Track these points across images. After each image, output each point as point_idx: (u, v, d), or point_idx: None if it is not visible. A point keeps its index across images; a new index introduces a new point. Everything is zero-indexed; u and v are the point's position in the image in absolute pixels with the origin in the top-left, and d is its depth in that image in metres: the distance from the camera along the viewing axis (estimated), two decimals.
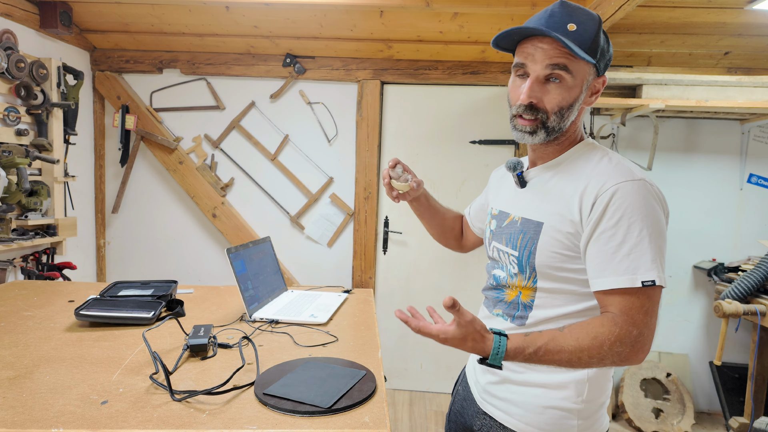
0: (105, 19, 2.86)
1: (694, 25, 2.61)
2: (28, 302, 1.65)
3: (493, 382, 1.10)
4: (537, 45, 0.95)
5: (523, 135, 1.00)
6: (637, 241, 0.88)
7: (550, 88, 0.96)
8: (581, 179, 0.97)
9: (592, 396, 1.01)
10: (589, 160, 1.00)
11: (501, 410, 1.08)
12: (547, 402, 1.01)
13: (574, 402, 1.00)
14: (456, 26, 2.75)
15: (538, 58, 0.95)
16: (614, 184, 0.91)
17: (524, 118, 0.99)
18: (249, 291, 1.60)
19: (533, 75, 0.96)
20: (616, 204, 0.89)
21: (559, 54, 0.93)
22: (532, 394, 1.03)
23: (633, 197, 0.89)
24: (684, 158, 3.09)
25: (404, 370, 3.31)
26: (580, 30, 0.93)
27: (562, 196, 0.98)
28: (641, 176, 0.92)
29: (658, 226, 0.89)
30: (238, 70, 3.13)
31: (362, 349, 1.31)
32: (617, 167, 0.95)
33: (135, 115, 3.13)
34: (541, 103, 0.97)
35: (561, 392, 1.00)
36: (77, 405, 0.95)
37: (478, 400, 1.16)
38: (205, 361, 1.19)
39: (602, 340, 0.87)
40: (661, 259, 0.89)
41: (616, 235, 0.89)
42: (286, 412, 0.95)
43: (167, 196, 3.27)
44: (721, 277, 2.92)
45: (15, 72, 2.40)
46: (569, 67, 0.94)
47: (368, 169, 3.15)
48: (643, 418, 2.92)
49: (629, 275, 0.88)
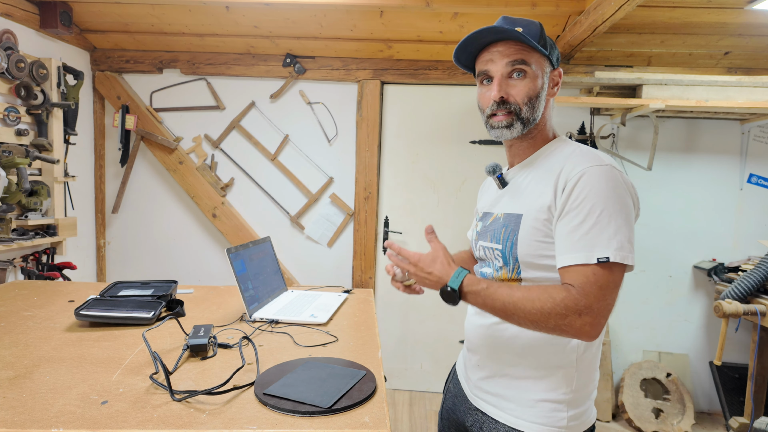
0: (105, 19, 2.86)
1: (694, 25, 2.61)
2: (28, 302, 1.65)
3: (484, 377, 1.13)
4: (493, 50, 1.04)
5: (501, 131, 1.07)
6: (597, 220, 0.92)
7: (515, 82, 1.04)
8: (554, 170, 1.02)
9: (580, 385, 1.05)
10: (561, 153, 1.06)
11: (493, 405, 1.10)
12: (537, 395, 1.04)
13: (564, 393, 1.04)
14: (456, 26, 2.75)
15: (498, 60, 1.04)
16: (582, 169, 0.96)
17: (499, 115, 1.06)
18: (249, 291, 1.60)
19: (498, 74, 1.04)
20: (581, 186, 0.95)
21: (515, 51, 1.03)
22: (522, 387, 1.06)
23: (597, 180, 0.94)
24: (684, 158, 3.08)
25: (404, 370, 3.30)
26: (526, 30, 1.02)
27: (537, 187, 1.04)
28: (609, 162, 0.97)
29: (620, 207, 0.93)
30: (238, 70, 3.13)
31: (362, 349, 1.31)
32: (587, 155, 1.00)
33: (135, 115, 3.13)
34: (511, 97, 1.04)
35: (550, 383, 1.04)
36: (77, 405, 0.95)
37: (470, 396, 1.18)
38: (205, 361, 1.19)
39: (551, 297, 0.91)
40: (623, 238, 0.91)
41: (578, 215, 0.94)
42: (286, 412, 0.94)
43: (167, 196, 3.27)
44: (721, 277, 2.91)
45: (15, 72, 2.40)
46: (527, 60, 1.03)
47: (368, 169, 3.15)
48: (643, 418, 2.92)
49: (586, 252, 0.92)
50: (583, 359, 1.05)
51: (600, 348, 1.09)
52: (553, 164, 1.04)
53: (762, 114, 2.84)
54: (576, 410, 1.05)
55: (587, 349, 1.05)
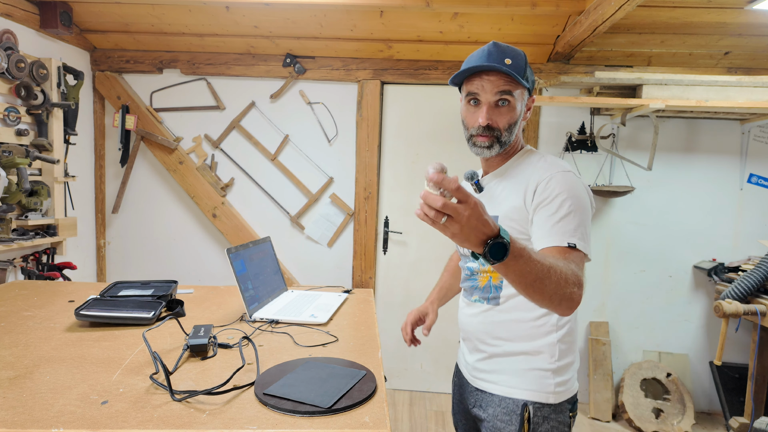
0: (105, 19, 2.86)
1: (694, 25, 2.61)
2: (28, 302, 1.65)
3: (481, 359, 1.28)
4: (485, 78, 1.19)
5: (482, 150, 1.24)
6: (566, 212, 1.10)
7: (500, 111, 1.20)
8: (524, 178, 1.21)
9: (563, 356, 1.22)
10: (529, 163, 1.24)
11: (489, 381, 1.26)
12: (528, 365, 1.21)
13: (550, 362, 1.21)
14: (456, 26, 2.75)
15: (488, 89, 1.19)
16: (550, 174, 1.16)
17: (482, 136, 1.22)
18: (249, 291, 1.60)
19: (487, 103, 1.20)
20: (551, 186, 1.14)
21: (504, 83, 1.18)
22: (515, 361, 1.23)
23: (563, 182, 1.14)
24: (684, 158, 3.08)
25: (404, 370, 3.30)
26: (514, 63, 1.17)
27: (510, 194, 1.22)
28: (569, 169, 1.18)
29: (582, 204, 1.13)
30: (238, 70, 3.13)
31: (362, 349, 1.31)
32: (552, 164, 1.20)
33: (135, 115, 3.13)
34: (495, 123, 1.21)
35: (537, 356, 1.21)
36: (77, 405, 0.95)
37: (470, 379, 1.33)
38: (205, 361, 1.19)
39: (569, 267, 1.00)
40: (584, 232, 1.10)
41: (551, 208, 1.12)
42: (287, 412, 0.94)
43: (167, 196, 3.27)
44: (722, 277, 2.91)
45: (15, 72, 2.40)
46: (512, 91, 1.19)
47: (368, 169, 3.15)
48: (644, 418, 2.92)
49: (560, 236, 1.08)
50: (562, 335, 1.22)
51: (574, 324, 1.26)
52: (522, 174, 1.22)
53: (762, 114, 2.84)
54: (561, 378, 1.21)
55: (565, 325, 1.22)
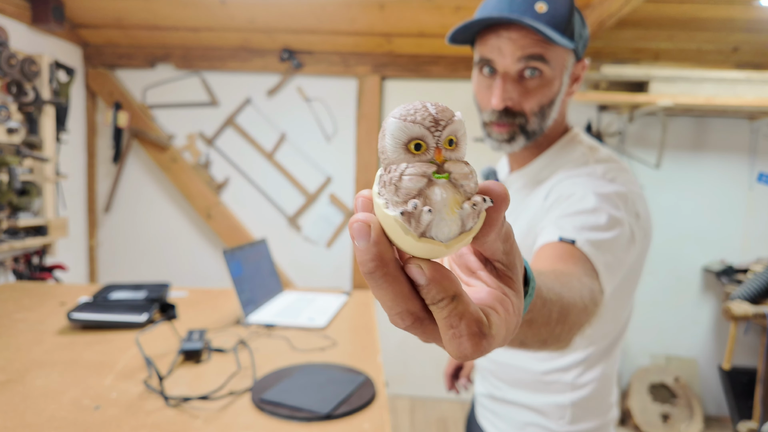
0: (98, 13, 2.81)
1: (702, 20, 2.57)
2: (19, 304, 1.64)
3: (484, 393, 1.12)
4: (503, 35, 0.78)
5: (500, 144, 0.87)
6: (592, 207, 0.84)
7: (527, 85, 0.81)
8: (551, 185, 0.87)
9: (579, 419, 0.93)
10: (570, 160, 0.90)
11: (490, 423, 1.12)
12: (529, 419, 1.00)
13: (558, 424, 0.94)
14: (459, 20, 2.69)
15: (507, 52, 0.79)
16: (590, 188, 0.83)
17: (499, 125, 0.85)
18: (245, 293, 1.57)
19: (503, 72, 0.81)
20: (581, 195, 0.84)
21: (531, 43, 0.77)
22: (516, 412, 1.03)
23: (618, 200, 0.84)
24: (692, 156, 3.04)
25: (405, 376, 3.24)
26: (551, 10, 0.76)
27: (528, 212, 0.90)
28: (631, 184, 0.87)
29: (627, 222, 0.86)
30: (234, 65, 3.07)
31: (362, 354, 1.29)
32: (600, 171, 0.85)
33: (127, 113, 3.07)
34: (517, 106, 0.82)
35: (543, 416, 0.97)
36: (69, 410, 0.95)
37: (476, 410, 1.19)
38: (199, 366, 1.18)
39: (581, 282, 0.62)
40: (610, 248, 0.85)
41: (572, 201, 0.83)
42: (283, 419, 0.93)
43: (160, 196, 3.20)
44: (731, 278, 2.86)
45: (6, 69, 2.34)
46: (546, 56, 0.79)
47: (368, 168, 3.09)
48: (651, 423, 2.87)
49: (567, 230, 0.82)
50: (581, 397, 0.91)
51: (608, 382, 0.94)
52: (556, 175, 0.88)
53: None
54: None
55: (587, 385, 0.91)
